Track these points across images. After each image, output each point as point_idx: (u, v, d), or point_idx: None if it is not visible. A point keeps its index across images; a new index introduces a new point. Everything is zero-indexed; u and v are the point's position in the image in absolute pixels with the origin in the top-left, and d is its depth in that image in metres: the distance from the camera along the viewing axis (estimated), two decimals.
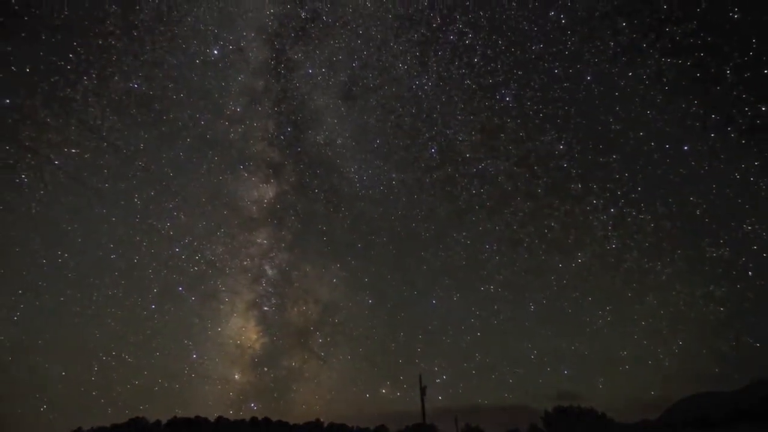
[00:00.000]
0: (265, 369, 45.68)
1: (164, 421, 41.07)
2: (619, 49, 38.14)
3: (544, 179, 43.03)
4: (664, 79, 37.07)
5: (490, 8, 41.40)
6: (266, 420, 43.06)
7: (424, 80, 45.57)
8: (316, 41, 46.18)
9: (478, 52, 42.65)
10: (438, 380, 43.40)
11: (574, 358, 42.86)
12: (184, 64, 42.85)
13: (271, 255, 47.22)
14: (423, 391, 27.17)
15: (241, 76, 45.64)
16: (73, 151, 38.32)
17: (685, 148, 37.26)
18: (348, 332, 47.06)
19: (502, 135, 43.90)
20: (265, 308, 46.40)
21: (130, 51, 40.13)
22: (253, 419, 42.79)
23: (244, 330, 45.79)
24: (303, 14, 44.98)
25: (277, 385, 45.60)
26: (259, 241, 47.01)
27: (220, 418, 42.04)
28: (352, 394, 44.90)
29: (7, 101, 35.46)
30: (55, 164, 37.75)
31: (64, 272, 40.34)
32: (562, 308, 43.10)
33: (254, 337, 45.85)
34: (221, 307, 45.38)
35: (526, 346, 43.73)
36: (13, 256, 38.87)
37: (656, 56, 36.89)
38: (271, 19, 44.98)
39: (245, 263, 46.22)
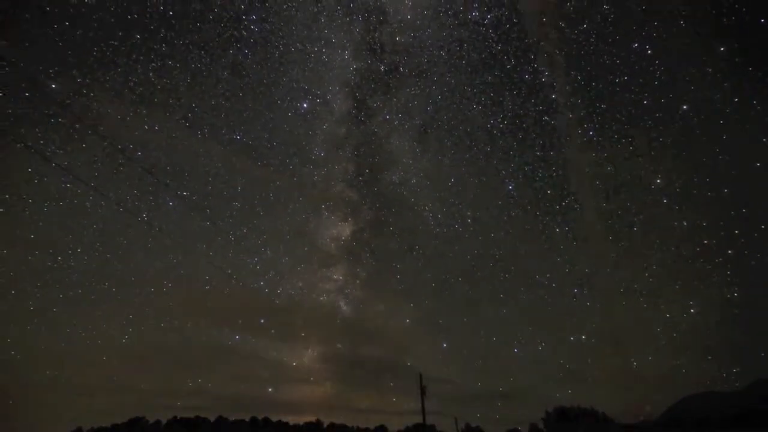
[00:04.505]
0: (336, 410, 46.69)
1: (164, 421, 41.07)
2: (719, 75, 34.01)
3: (640, 216, 38.73)
4: None
5: (567, 46, 40.42)
6: (266, 420, 42.95)
7: (499, 119, 45.87)
8: (394, 90, 51.28)
9: (556, 89, 41.89)
10: None
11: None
12: (278, 117, 50.16)
13: (346, 291, 50.24)
14: (423, 391, 27.08)
15: (326, 124, 52.48)
16: (185, 193, 46.03)
17: None
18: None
19: (587, 170, 41.35)
20: (339, 345, 48.64)
21: (236, 108, 47.89)
22: (253, 419, 42.67)
23: (317, 369, 47.01)
24: (382, 67, 50.96)
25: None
26: (335, 277, 50.65)
27: (220, 418, 41.95)
28: None
29: (139, 153, 44.42)
30: (170, 205, 45.09)
31: (167, 302, 44.35)
32: (675, 366, 35.59)
33: (326, 375, 47.04)
34: (297, 342, 47.84)
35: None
36: (129, 286, 44.11)
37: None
38: (353, 74, 51.92)
39: (321, 299, 49.62)
